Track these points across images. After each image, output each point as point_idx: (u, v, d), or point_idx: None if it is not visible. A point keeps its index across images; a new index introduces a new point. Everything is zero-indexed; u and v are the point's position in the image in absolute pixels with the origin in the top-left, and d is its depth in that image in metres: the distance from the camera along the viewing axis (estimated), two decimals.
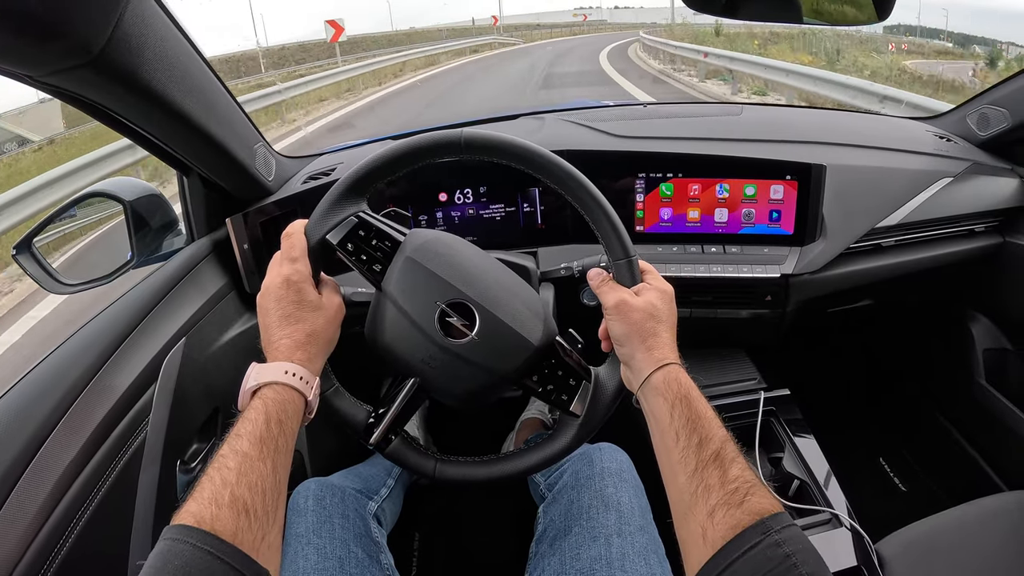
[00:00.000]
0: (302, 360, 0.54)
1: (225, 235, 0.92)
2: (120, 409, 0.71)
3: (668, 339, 0.57)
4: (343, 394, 0.63)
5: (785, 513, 0.44)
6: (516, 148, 0.62)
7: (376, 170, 0.61)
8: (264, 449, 0.47)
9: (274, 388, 0.52)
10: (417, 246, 0.61)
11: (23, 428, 0.60)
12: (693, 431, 0.50)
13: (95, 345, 0.72)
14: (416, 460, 0.62)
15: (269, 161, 0.94)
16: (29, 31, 0.47)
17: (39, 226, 0.99)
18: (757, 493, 0.45)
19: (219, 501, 0.42)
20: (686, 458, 0.49)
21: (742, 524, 0.43)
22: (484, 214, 0.96)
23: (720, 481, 0.46)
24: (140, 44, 0.59)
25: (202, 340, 0.86)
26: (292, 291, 0.57)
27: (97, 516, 0.64)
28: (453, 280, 0.60)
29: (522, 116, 1.14)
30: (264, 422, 0.49)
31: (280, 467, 0.48)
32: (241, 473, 0.45)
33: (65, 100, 0.63)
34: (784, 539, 0.42)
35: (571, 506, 0.73)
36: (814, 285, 0.98)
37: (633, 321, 0.57)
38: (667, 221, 0.95)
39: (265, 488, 0.45)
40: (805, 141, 1.02)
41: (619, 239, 0.61)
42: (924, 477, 1.27)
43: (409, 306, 0.59)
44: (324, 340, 0.57)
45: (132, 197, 0.93)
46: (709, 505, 0.45)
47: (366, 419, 0.61)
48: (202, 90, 0.74)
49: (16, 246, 0.96)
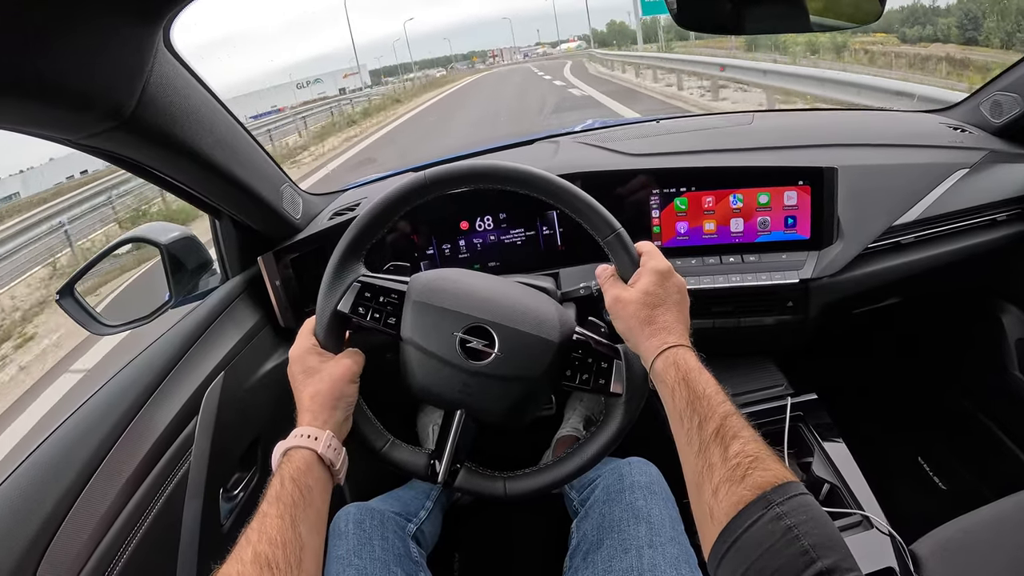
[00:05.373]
0: (311, 422, 0.59)
1: (258, 273, 0.96)
2: (163, 443, 0.74)
3: (668, 320, 0.58)
4: (399, 446, 0.66)
5: (794, 483, 0.43)
6: (476, 171, 0.65)
7: (360, 237, 0.65)
8: (280, 506, 0.51)
9: (290, 453, 0.57)
10: (420, 289, 0.64)
11: (69, 467, 0.64)
12: (693, 412, 0.50)
13: (138, 383, 0.76)
14: (484, 485, 0.64)
15: (296, 200, 0.98)
16: (65, 100, 0.51)
17: (80, 272, 1.04)
18: (760, 466, 0.44)
19: (243, 559, 0.47)
20: (691, 439, 0.50)
21: (744, 500, 0.43)
22: (505, 239, 0.99)
23: (722, 459, 0.46)
24: (167, 103, 0.63)
25: (240, 373, 0.90)
26: (297, 365, 0.64)
27: (141, 549, 0.67)
28: (462, 308, 0.63)
29: (538, 141, 1.17)
30: (279, 482, 0.54)
31: (300, 521, 0.51)
32: (261, 531, 0.49)
33: (103, 158, 0.68)
34: (787, 511, 0.41)
35: (603, 520, 0.75)
36: (835, 288, 0.98)
37: (629, 315, 0.59)
38: (684, 234, 0.97)
39: (285, 541, 0.49)
40: (817, 144, 1.02)
41: (600, 217, 0.63)
42: (964, 474, 1.25)
43: (430, 345, 0.62)
44: (330, 398, 0.61)
45: (167, 240, 0.97)
46: (713, 484, 0.46)
47: (427, 462, 0.64)
48: (227, 139, 0.79)
49: (60, 291, 1.01)
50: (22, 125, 0.53)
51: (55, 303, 1.02)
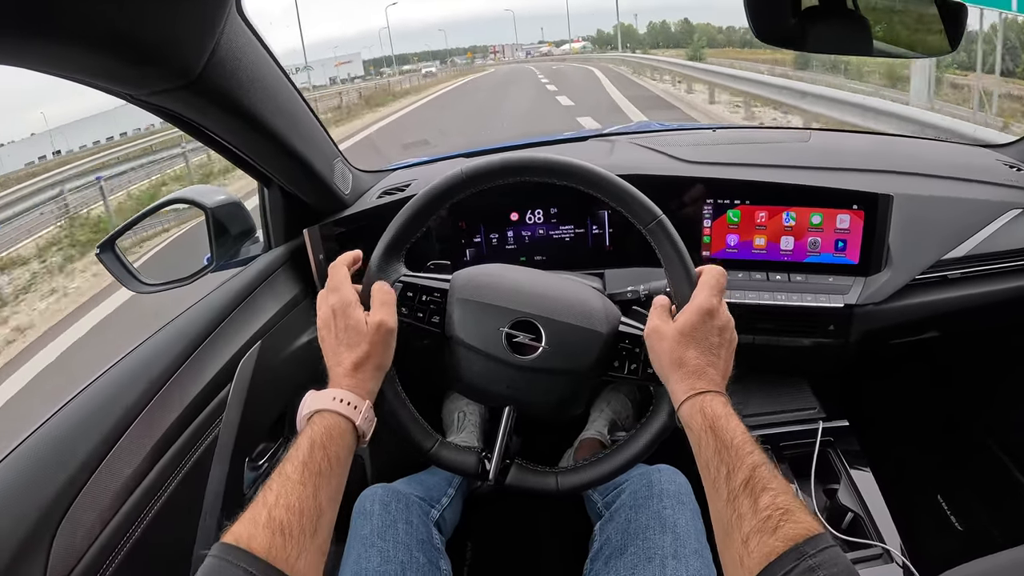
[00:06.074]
0: (351, 386, 0.57)
1: (301, 244, 0.96)
2: (196, 406, 0.74)
3: (700, 364, 0.56)
4: (448, 445, 0.65)
5: (824, 535, 0.44)
6: (511, 164, 0.64)
7: (399, 236, 0.64)
8: (306, 473, 0.50)
9: (322, 415, 0.55)
10: (463, 286, 0.64)
11: (106, 418, 0.63)
12: (721, 461, 0.50)
13: (175, 345, 0.76)
14: (536, 481, 0.64)
15: (346, 175, 0.98)
16: (135, 54, 0.50)
17: (123, 228, 1.04)
18: (792, 519, 0.45)
19: (256, 521, 0.46)
20: (718, 488, 0.50)
21: (776, 551, 0.43)
22: (554, 234, 0.98)
23: (752, 509, 0.46)
24: (234, 67, 0.63)
25: (275, 345, 0.89)
26: (339, 319, 0.60)
27: (168, 506, 0.67)
28: (507, 303, 0.62)
29: (591, 138, 1.16)
30: (308, 448, 0.52)
31: (322, 490, 0.51)
32: (280, 496, 0.48)
33: (162, 116, 0.67)
34: (819, 563, 0.42)
35: (628, 525, 0.74)
36: (878, 316, 0.96)
37: (662, 351, 0.58)
38: (733, 247, 0.95)
39: (303, 509, 0.48)
40: (873, 170, 1.01)
41: (641, 204, 0.61)
42: (981, 515, 1.24)
43: (476, 341, 0.62)
44: (374, 363, 0.60)
45: (214, 204, 0.97)
46: (743, 533, 0.46)
47: (477, 461, 0.64)
48: (288, 109, 0.78)
49: (100, 245, 1.01)
50: (88, 76, 0.53)
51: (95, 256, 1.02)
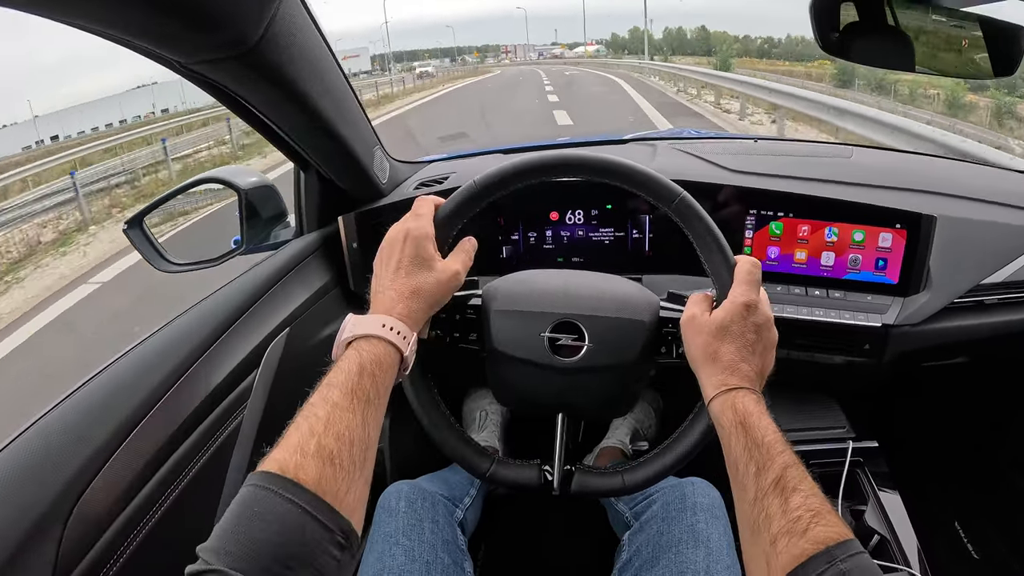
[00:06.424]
0: (402, 314, 0.54)
1: (334, 231, 0.94)
2: (221, 392, 0.73)
3: (734, 360, 0.54)
4: (505, 464, 0.63)
5: (854, 540, 0.43)
6: (522, 168, 0.62)
7: (463, 205, 0.62)
8: (355, 400, 0.46)
9: (370, 341, 0.51)
10: (496, 297, 0.63)
11: (129, 399, 0.62)
12: (750, 459, 0.48)
13: (204, 326, 0.74)
14: (602, 483, 0.62)
15: (384, 164, 0.96)
16: (196, 20, 0.49)
17: (152, 205, 1.02)
18: (823, 521, 0.43)
19: (304, 450, 0.42)
20: (746, 486, 0.48)
21: (806, 553, 0.42)
22: (593, 236, 0.97)
23: (781, 510, 0.45)
24: (288, 42, 0.61)
25: (304, 333, 0.88)
26: (409, 244, 0.57)
27: (186, 493, 0.66)
28: (544, 307, 0.61)
29: (631, 141, 1.14)
30: (357, 373, 0.48)
31: (371, 420, 0.47)
32: (329, 423, 0.44)
33: (205, 88, 0.65)
34: (850, 568, 0.40)
35: (660, 537, 0.73)
36: (913, 337, 0.95)
37: (697, 344, 0.56)
38: (774, 260, 0.94)
39: (353, 439, 0.44)
40: (916, 189, 0.99)
41: (661, 184, 0.60)
42: (999, 546, 1.22)
43: (518, 351, 0.60)
44: (430, 299, 0.56)
45: (247, 186, 0.96)
46: (771, 533, 0.44)
47: (539, 474, 0.62)
48: (335, 91, 0.76)
49: (128, 221, 0.99)
50: (143, 38, 0.51)
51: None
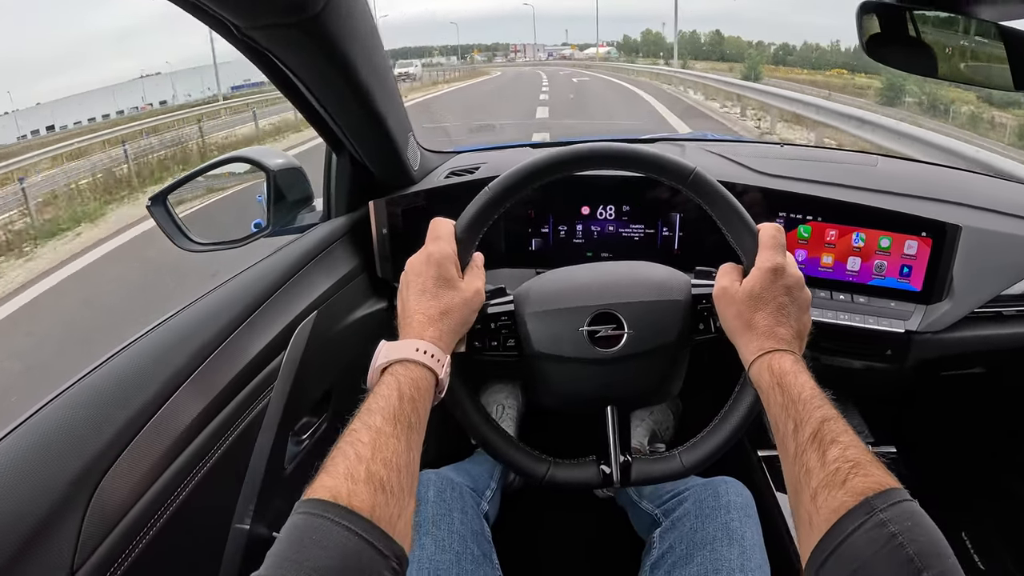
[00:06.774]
0: (433, 337, 0.53)
1: (362, 217, 0.93)
2: (248, 373, 0.71)
3: (768, 324, 0.55)
4: (562, 466, 0.63)
5: (898, 489, 0.42)
6: (530, 170, 0.61)
7: (484, 211, 0.61)
8: (398, 426, 0.46)
9: (405, 365, 0.51)
10: (529, 299, 0.62)
11: (155, 377, 0.60)
12: (788, 416, 0.49)
13: (232, 307, 0.73)
14: (662, 468, 0.62)
15: (416, 151, 0.95)
16: None
17: (176, 182, 1.01)
18: (862, 471, 0.43)
19: (355, 476, 0.42)
20: (786, 444, 0.48)
21: (845, 506, 0.41)
22: (623, 232, 0.97)
23: (820, 463, 0.44)
24: (348, 14, 0.60)
25: (330, 317, 0.87)
26: (432, 267, 0.57)
27: (213, 473, 0.65)
28: (578, 302, 0.61)
29: (660, 140, 1.14)
30: (397, 399, 0.48)
31: (414, 445, 0.47)
32: (376, 449, 0.44)
33: (253, 57, 0.64)
34: (890, 517, 0.39)
35: (694, 535, 0.72)
36: (935, 345, 0.96)
37: (731, 315, 0.57)
38: (801, 263, 0.94)
39: (400, 465, 0.44)
40: (941, 200, 1.00)
41: (673, 163, 0.60)
42: (1005, 558, 1.23)
43: (559, 350, 0.60)
44: (458, 320, 0.56)
45: (276, 167, 0.95)
46: (811, 488, 0.44)
47: (597, 471, 0.62)
48: (380, 71, 0.76)
49: (152, 198, 0.98)
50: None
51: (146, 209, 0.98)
